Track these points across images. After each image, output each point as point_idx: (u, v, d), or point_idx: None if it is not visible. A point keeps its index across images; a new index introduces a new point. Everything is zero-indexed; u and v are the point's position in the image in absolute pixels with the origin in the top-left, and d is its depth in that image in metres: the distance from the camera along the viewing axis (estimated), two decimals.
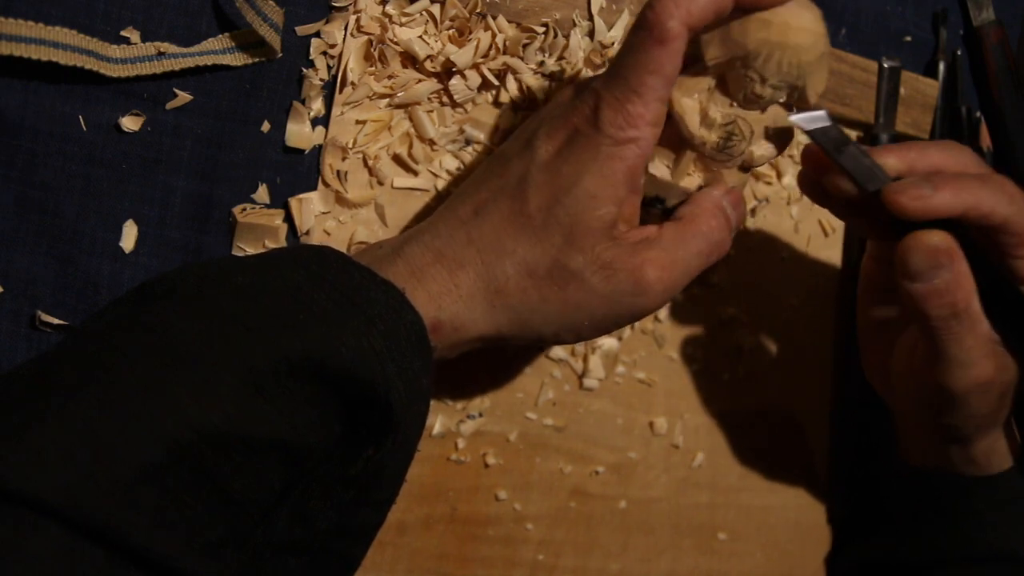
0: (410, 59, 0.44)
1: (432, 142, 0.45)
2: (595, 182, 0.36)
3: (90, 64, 0.38)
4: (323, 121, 0.43)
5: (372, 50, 0.43)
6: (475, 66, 0.45)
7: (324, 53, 0.43)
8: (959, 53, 0.60)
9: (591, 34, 0.47)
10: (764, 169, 0.54)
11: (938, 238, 0.40)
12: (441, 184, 0.46)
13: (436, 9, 0.44)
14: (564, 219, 0.37)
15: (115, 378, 0.30)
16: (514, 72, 0.46)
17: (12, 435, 0.28)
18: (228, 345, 0.31)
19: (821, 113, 0.41)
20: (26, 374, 0.31)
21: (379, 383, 0.32)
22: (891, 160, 0.42)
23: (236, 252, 0.42)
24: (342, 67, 0.43)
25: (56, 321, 0.39)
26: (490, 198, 0.38)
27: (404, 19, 0.43)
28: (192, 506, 0.29)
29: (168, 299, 0.33)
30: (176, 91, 0.41)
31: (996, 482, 0.48)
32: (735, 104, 0.40)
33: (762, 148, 0.41)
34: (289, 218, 0.43)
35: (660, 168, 0.40)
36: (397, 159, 0.45)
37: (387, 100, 0.44)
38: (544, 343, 0.40)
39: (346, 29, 0.43)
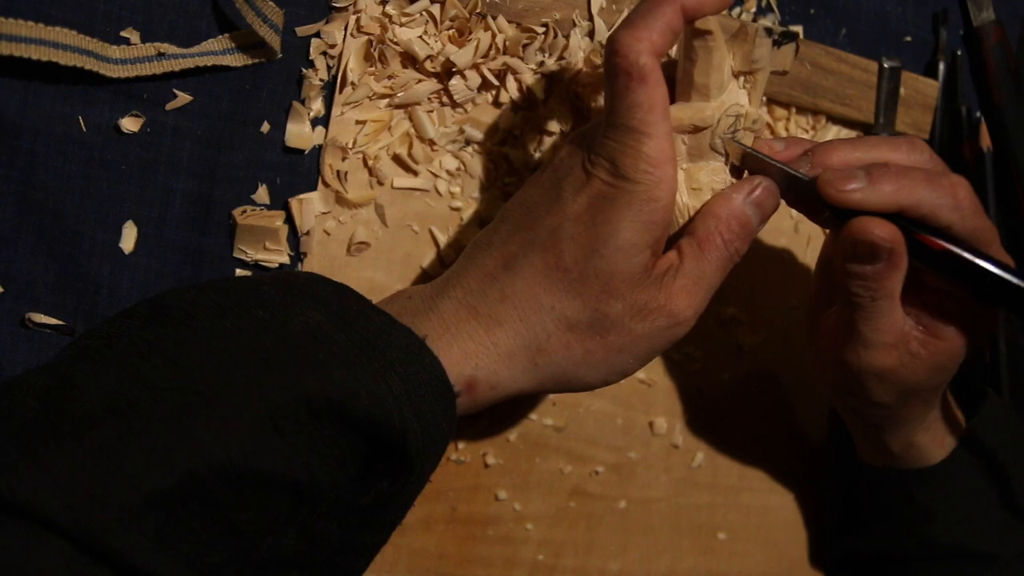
0: (410, 59, 0.44)
1: (432, 142, 0.45)
2: (635, 230, 0.37)
3: (90, 64, 0.38)
4: (323, 121, 0.43)
5: (372, 50, 0.43)
6: (475, 66, 0.45)
7: (324, 53, 0.43)
8: (959, 53, 0.60)
9: (591, 34, 0.47)
10: None
11: (884, 231, 0.39)
12: (441, 184, 0.46)
13: (436, 9, 0.44)
14: (603, 269, 0.37)
15: (137, 411, 0.30)
16: (514, 72, 0.46)
17: (28, 453, 0.28)
18: (249, 382, 0.31)
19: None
20: (44, 388, 0.31)
21: (396, 427, 0.33)
22: (833, 160, 0.40)
23: (237, 254, 0.42)
24: (342, 67, 0.43)
25: (52, 321, 0.39)
26: (519, 252, 0.38)
27: (404, 19, 0.43)
28: (197, 533, 0.30)
29: (188, 327, 0.33)
30: (176, 92, 0.40)
31: (932, 475, 0.48)
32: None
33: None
34: (289, 218, 0.43)
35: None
36: (397, 159, 0.45)
37: (387, 100, 0.44)
38: (590, 389, 0.40)
39: (346, 29, 0.43)
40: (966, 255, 0.39)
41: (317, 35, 0.43)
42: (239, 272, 0.42)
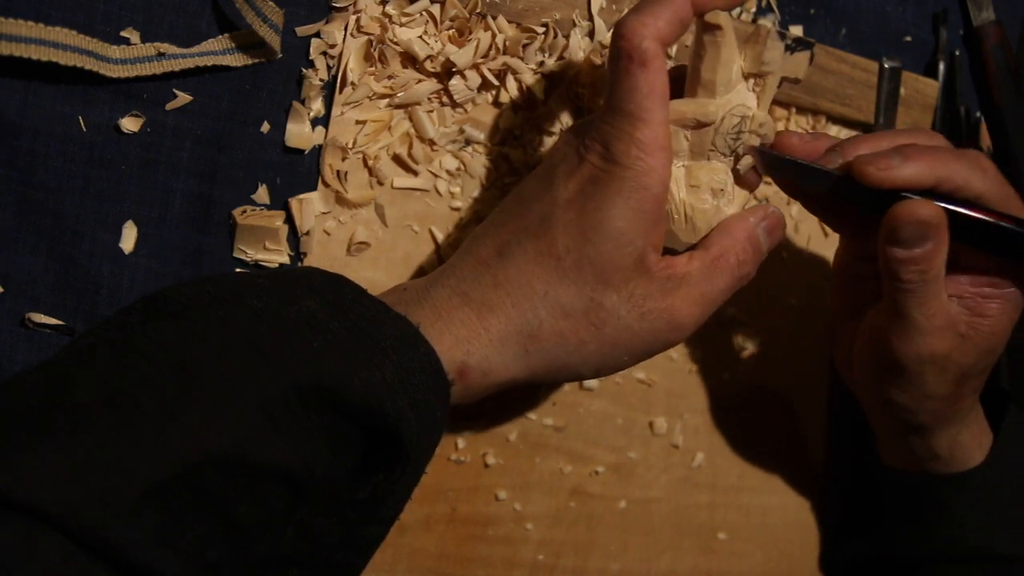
0: (410, 59, 0.44)
1: (432, 142, 0.45)
2: (624, 218, 0.36)
3: (90, 64, 0.38)
4: (323, 121, 0.43)
5: (372, 50, 0.43)
6: (475, 66, 0.45)
7: (324, 53, 0.43)
8: (959, 53, 0.60)
9: (591, 34, 0.47)
10: None
11: (929, 210, 0.39)
12: (441, 184, 0.46)
13: (436, 9, 0.44)
14: (596, 258, 0.36)
15: (131, 402, 0.30)
16: (514, 72, 0.46)
17: (24, 448, 0.28)
18: (243, 371, 0.31)
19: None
20: (40, 384, 0.31)
21: (390, 415, 0.33)
22: (863, 149, 0.41)
23: (237, 254, 0.42)
24: (342, 67, 0.43)
25: (52, 321, 0.39)
26: (512, 239, 0.38)
27: (404, 19, 0.43)
28: (194, 527, 0.30)
29: (183, 319, 0.33)
30: (176, 92, 0.41)
31: (967, 479, 0.48)
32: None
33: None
34: (289, 218, 0.43)
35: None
36: (397, 159, 0.45)
37: (387, 100, 0.44)
38: (582, 379, 0.40)
39: (346, 29, 0.43)
40: (1014, 227, 0.40)
41: (317, 35, 0.43)
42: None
